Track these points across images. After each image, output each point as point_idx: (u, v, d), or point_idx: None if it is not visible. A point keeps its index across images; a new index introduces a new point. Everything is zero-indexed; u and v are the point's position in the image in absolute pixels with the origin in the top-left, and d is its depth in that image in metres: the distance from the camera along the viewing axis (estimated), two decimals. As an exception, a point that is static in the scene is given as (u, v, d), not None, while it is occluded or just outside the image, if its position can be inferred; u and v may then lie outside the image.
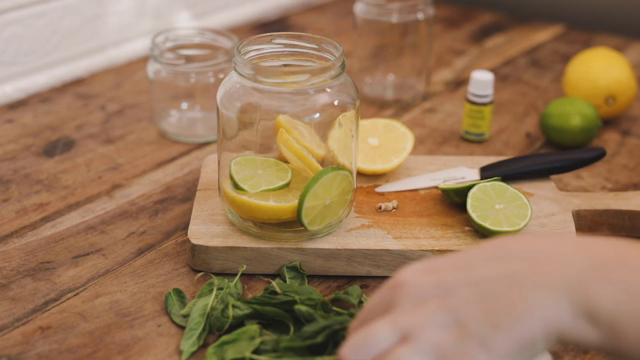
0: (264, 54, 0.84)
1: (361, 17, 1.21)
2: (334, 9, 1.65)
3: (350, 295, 0.79)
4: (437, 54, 1.41)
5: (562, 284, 0.55)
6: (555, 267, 0.56)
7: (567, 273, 0.55)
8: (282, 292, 0.77)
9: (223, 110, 0.82)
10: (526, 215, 0.84)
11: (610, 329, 0.53)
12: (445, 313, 0.56)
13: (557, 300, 0.54)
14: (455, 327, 0.56)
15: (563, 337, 0.55)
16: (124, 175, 1.03)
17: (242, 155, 0.85)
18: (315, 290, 0.77)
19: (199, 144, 1.11)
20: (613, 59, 1.16)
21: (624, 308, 0.53)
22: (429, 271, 0.59)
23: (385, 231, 0.86)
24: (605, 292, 0.54)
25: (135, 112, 1.19)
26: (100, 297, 0.80)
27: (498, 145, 1.12)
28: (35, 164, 1.04)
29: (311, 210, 0.81)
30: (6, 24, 1.19)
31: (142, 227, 0.92)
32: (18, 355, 0.73)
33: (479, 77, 1.10)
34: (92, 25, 1.30)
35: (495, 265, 0.57)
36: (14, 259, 0.86)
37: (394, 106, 1.23)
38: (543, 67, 1.37)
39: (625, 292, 0.53)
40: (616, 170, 1.06)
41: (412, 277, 0.59)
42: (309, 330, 0.70)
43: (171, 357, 0.73)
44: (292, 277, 0.82)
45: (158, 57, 1.08)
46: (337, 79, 0.81)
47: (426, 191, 0.94)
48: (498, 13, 1.62)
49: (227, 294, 0.78)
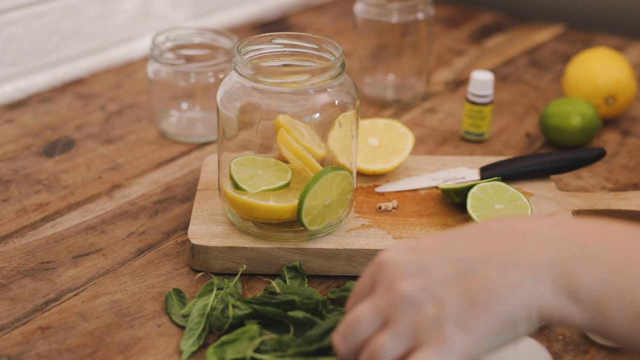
0: (264, 54, 0.84)
1: (361, 17, 1.21)
2: (334, 9, 1.65)
3: (350, 291, 0.79)
4: (437, 54, 1.41)
5: (542, 263, 0.54)
6: (535, 247, 0.55)
7: (547, 252, 0.55)
8: (282, 292, 0.77)
9: (223, 110, 0.82)
10: (526, 215, 0.84)
11: (594, 307, 0.53)
12: (422, 291, 0.56)
13: (538, 280, 0.54)
14: (432, 306, 0.55)
15: (546, 317, 0.54)
16: (124, 175, 1.03)
17: (242, 155, 0.85)
18: (315, 291, 0.77)
19: (199, 144, 1.11)
20: (613, 59, 1.16)
21: (607, 286, 0.53)
22: (411, 249, 0.59)
23: (385, 231, 0.86)
24: (588, 271, 0.53)
25: (135, 112, 1.19)
26: (100, 297, 0.80)
27: (498, 145, 1.12)
28: (35, 164, 1.04)
29: (311, 210, 0.81)
30: (6, 24, 1.19)
31: (142, 227, 0.92)
32: (18, 355, 0.73)
33: (479, 77, 1.10)
34: (92, 25, 1.30)
35: (476, 245, 0.57)
36: (14, 259, 0.86)
37: (394, 106, 1.23)
38: (543, 67, 1.37)
39: (608, 269, 0.53)
40: (616, 170, 1.06)
41: (394, 254, 0.59)
42: (314, 334, 0.70)
43: (171, 357, 0.73)
44: (292, 277, 0.82)
45: (158, 57, 1.08)
46: (337, 79, 0.81)
47: (426, 191, 0.94)
48: (498, 13, 1.62)
49: (227, 294, 0.78)
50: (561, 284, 0.54)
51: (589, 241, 0.55)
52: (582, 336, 0.77)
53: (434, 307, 0.55)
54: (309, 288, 0.78)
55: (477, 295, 0.54)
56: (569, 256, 0.54)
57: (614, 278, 0.53)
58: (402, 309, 0.56)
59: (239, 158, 0.85)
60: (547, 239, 0.55)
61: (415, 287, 0.56)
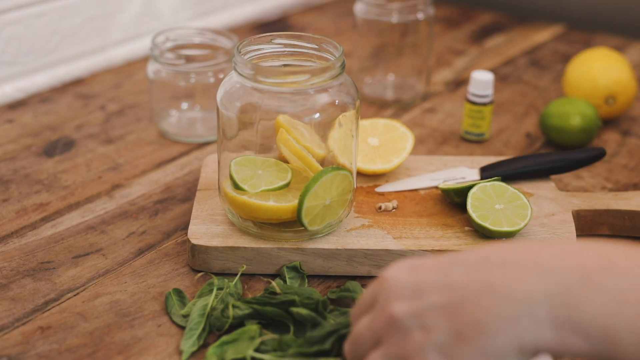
0: (264, 54, 0.84)
1: (361, 17, 1.21)
2: (334, 9, 1.65)
3: (354, 292, 0.79)
4: (437, 54, 1.41)
5: (541, 294, 0.53)
6: (534, 278, 0.54)
7: (547, 283, 0.53)
8: (282, 292, 0.77)
9: (223, 110, 0.82)
10: (526, 215, 0.84)
11: (601, 337, 0.52)
12: (411, 316, 0.56)
13: (533, 312, 0.53)
14: (419, 332, 0.55)
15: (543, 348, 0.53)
16: (124, 175, 1.03)
17: (242, 155, 0.85)
18: (315, 291, 0.77)
19: (199, 144, 1.11)
20: (613, 59, 1.16)
21: (614, 315, 0.51)
22: (411, 269, 0.59)
23: (385, 231, 0.86)
24: (593, 301, 0.52)
25: (135, 112, 1.19)
26: (100, 297, 0.80)
27: (498, 145, 1.12)
28: (35, 164, 1.04)
29: (311, 210, 0.81)
30: (6, 24, 1.19)
31: (142, 227, 0.92)
32: (18, 355, 0.73)
33: (479, 77, 1.10)
34: (92, 25, 1.30)
35: (473, 273, 0.56)
36: (14, 259, 0.86)
37: (394, 106, 1.23)
38: (543, 67, 1.37)
39: (614, 299, 0.52)
40: (616, 170, 1.06)
41: (395, 273, 0.59)
42: (316, 335, 0.70)
43: (171, 357, 0.73)
44: (292, 277, 0.82)
45: (158, 57, 1.08)
46: (337, 79, 0.81)
47: (426, 191, 0.94)
48: (498, 13, 1.62)
49: (227, 294, 0.78)
50: (563, 315, 0.52)
51: (593, 270, 0.53)
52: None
53: (421, 334, 0.55)
54: (309, 288, 0.78)
55: (464, 327, 0.54)
56: (572, 287, 0.53)
57: (621, 307, 0.52)
58: (393, 332, 0.57)
59: (239, 158, 0.85)
60: (547, 269, 0.54)
61: (406, 311, 0.57)
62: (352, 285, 0.80)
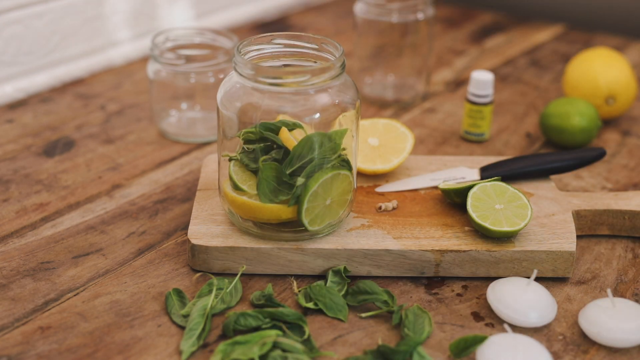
0: (264, 54, 0.84)
1: (361, 17, 1.21)
2: (334, 9, 1.65)
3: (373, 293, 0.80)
4: (437, 54, 1.41)
5: None
6: None
7: None
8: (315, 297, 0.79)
9: (223, 110, 0.82)
10: (526, 215, 0.84)
11: None
12: None
13: None
14: None
15: None
16: (124, 175, 1.03)
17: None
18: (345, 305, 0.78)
19: (199, 144, 1.11)
20: (613, 59, 1.16)
21: None
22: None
23: (385, 231, 0.86)
24: None
25: (135, 112, 1.19)
26: (100, 297, 0.80)
27: (498, 145, 1.12)
28: (35, 164, 1.04)
29: (311, 211, 0.81)
30: (6, 24, 1.19)
31: (142, 227, 0.92)
32: (18, 355, 0.73)
33: (479, 77, 1.10)
34: (92, 25, 1.30)
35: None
36: (14, 259, 0.86)
37: (394, 106, 1.23)
38: (543, 67, 1.37)
39: None
40: (616, 170, 1.06)
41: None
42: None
43: (171, 357, 0.73)
44: (335, 282, 0.82)
45: (158, 57, 1.08)
46: (337, 79, 0.81)
47: (426, 191, 0.94)
48: (498, 13, 1.62)
49: (227, 294, 0.78)
50: None
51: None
52: (582, 336, 0.77)
53: None
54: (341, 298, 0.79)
55: None
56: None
57: None
58: None
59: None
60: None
61: None
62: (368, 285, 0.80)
